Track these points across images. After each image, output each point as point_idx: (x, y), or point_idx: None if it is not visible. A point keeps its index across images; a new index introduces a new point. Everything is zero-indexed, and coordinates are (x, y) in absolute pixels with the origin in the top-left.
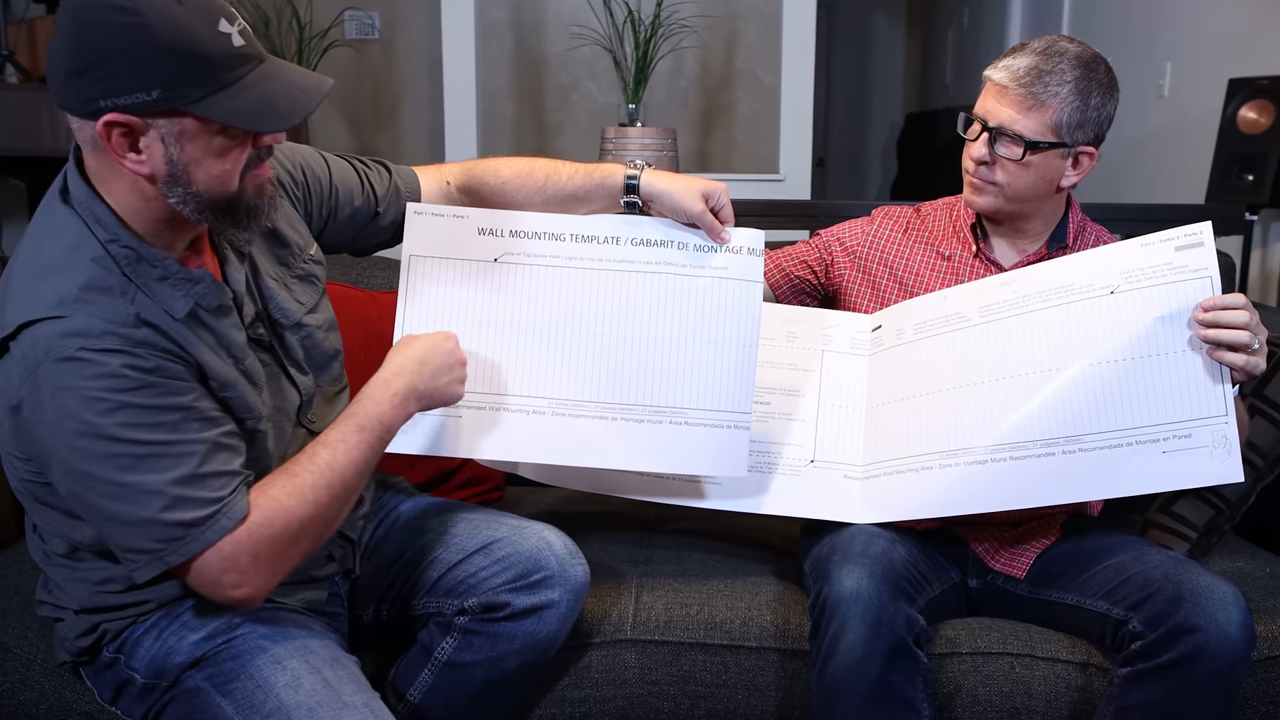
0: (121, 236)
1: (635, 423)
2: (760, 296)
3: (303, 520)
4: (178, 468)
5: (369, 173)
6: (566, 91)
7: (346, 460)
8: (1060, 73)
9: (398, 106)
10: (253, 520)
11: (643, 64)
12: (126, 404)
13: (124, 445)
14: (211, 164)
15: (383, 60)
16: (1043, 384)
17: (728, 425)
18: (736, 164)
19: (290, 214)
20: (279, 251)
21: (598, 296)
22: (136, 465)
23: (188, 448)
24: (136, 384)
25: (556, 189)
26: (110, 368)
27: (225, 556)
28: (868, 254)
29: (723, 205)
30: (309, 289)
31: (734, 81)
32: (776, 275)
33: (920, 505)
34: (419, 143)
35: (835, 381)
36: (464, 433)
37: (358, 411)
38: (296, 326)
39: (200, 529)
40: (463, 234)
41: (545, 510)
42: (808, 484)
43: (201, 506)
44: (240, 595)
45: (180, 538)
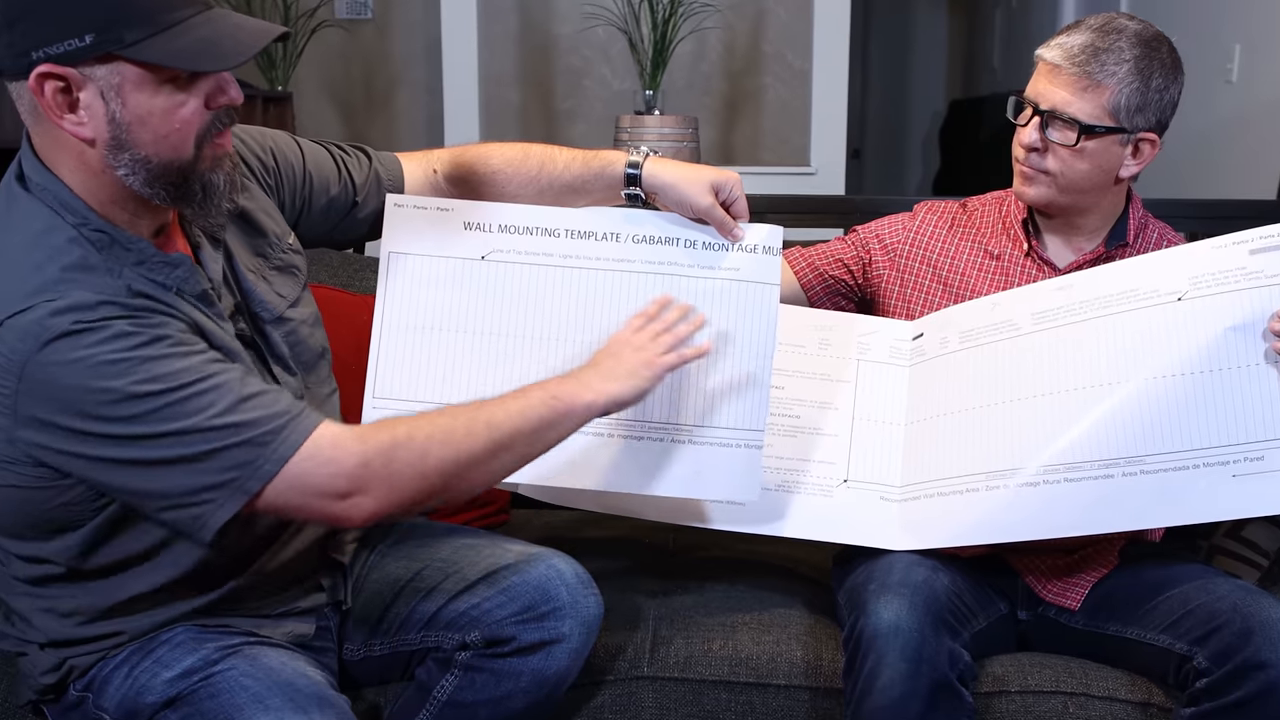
0: (90, 219)
1: (634, 440)
2: (777, 300)
3: (432, 441)
4: (222, 399)
5: (347, 159)
6: (578, 76)
7: (498, 405)
8: (1118, 51)
9: (392, 93)
10: (369, 428)
11: (661, 46)
12: (145, 358)
13: (154, 399)
14: (158, 122)
15: (376, 42)
16: (1101, 399)
17: (739, 444)
18: (764, 156)
19: (265, 201)
20: (255, 241)
21: (595, 299)
22: (176, 410)
23: (220, 379)
24: (148, 338)
25: (551, 179)
26: (115, 329)
27: (327, 459)
28: (909, 252)
29: (735, 198)
30: (290, 281)
31: (761, 66)
32: (809, 275)
33: (965, 531)
34: (415, 133)
35: (872, 394)
36: None
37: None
38: (279, 321)
39: (271, 444)
40: (447, 228)
41: (555, 535)
42: (841, 506)
43: (264, 422)
44: (361, 508)
45: (253, 459)
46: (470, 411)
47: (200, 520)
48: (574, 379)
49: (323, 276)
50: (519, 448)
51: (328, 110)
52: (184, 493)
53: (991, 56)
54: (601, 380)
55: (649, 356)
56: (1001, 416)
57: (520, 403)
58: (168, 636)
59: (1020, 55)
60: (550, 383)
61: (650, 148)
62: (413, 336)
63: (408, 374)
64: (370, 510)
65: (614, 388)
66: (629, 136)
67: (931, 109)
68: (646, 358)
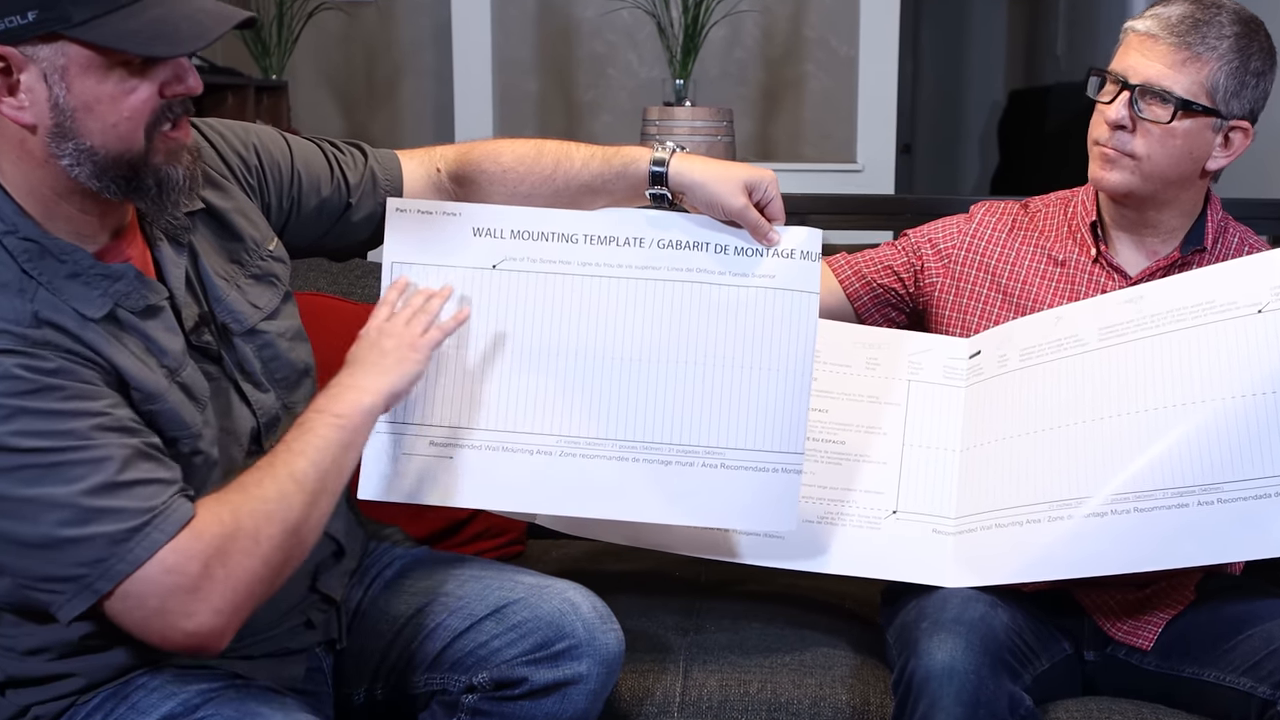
0: (21, 226)
1: (661, 465)
2: (816, 310)
3: (259, 516)
4: (92, 476)
5: (340, 157)
6: (601, 64)
7: (293, 452)
8: (1219, 25)
9: (397, 83)
10: (198, 521)
11: (693, 31)
12: (22, 409)
13: (22, 455)
14: (106, 110)
15: (379, 27)
16: (1174, 421)
17: (775, 468)
18: (805, 151)
19: (244, 203)
20: (229, 245)
21: (616, 311)
22: (41, 477)
23: (102, 452)
24: (34, 386)
25: (568, 178)
26: (2, 369)
27: (168, 569)
28: (965, 258)
29: (771, 199)
30: (266, 290)
31: (802, 52)
32: (856, 284)
33: (1026, 566)
34: (422, 127)
35: (924, 417)
36: (455, 476)
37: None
38: (252, 334)
39: (129, 542)
40: (454, 234)
41: (573, 568)
42: (890, 539)
43: (128, 518)
44: (196, 626)
45: (105, 557)
46: (269, 474)
47: (52, 607)
48: (344, 387)
49: (320, 283)
50: (331, 485)
51: (326, 101)
52: (32, 576)
53: (1055, 43)
54: (372, 377)
55: (411, 339)
56: (1066, 441)
57: (309, 439)
58: (144, 680)
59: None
60: (321, 402)
61: (678, 143)
62: None
63: (413, 394)
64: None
65: (386, 381)
66: (657, 130)
67: (990, 100)
68: (409, 340)
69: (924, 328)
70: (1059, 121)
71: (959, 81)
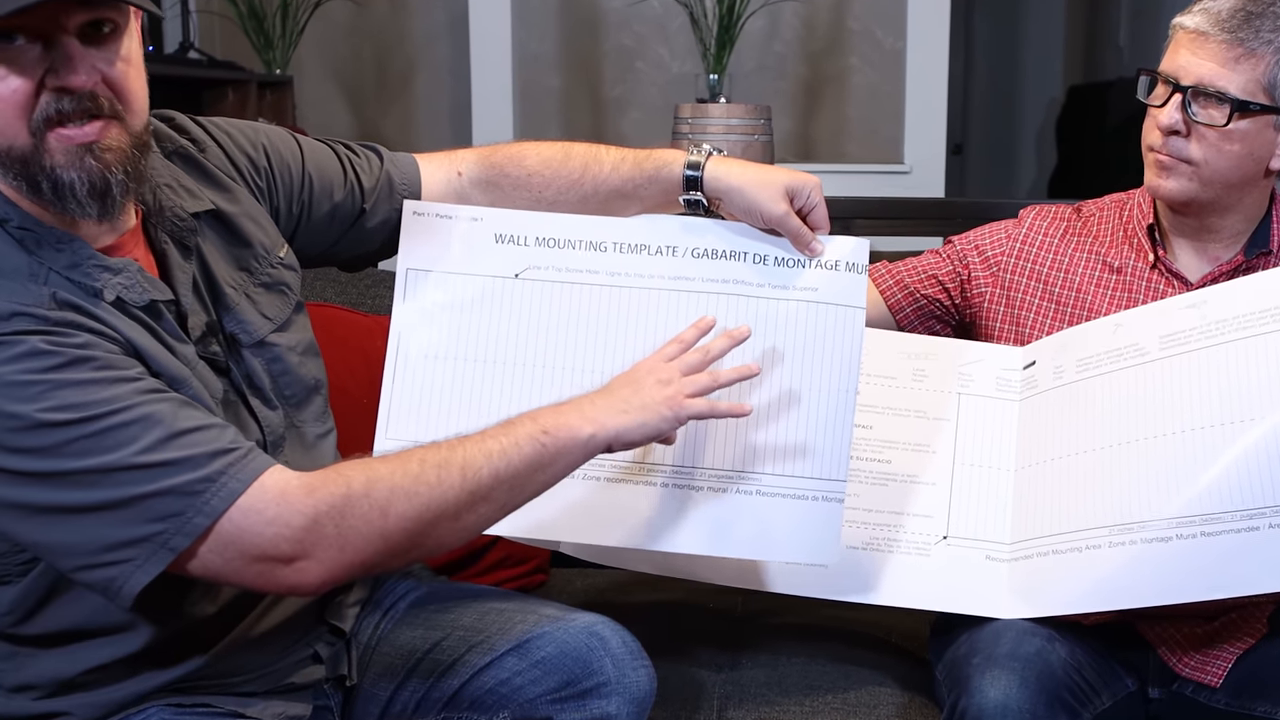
0: (13, 215)
1: (692, 491)
2: (862, 325)
3: (395, 492)
4: (146, 434)
5: (354, 160)
6: (630, 58)
7: (477, 448)
8: (1273, 16)
9: (410, 78)
10: (318, 475)
11: (728, 22)
12: (60, 383)
13: (67, 429)
14: None
15: (391, 18)
16: (1244, 436)
17: (815, 496)
18: (849, 151)
19: (252, 207)
20: (238, 252)
21: (647, 324)
22: (92, 447)
23: (149, 409)
24: (66, 359)
25: (597, 183)
26: (29, 345)
27: (270, 519)
28: (1015, 265)
29: (814, 205)
30: (277, 300)
31: (846, 45)
32: (899, 295)
33: (1085, 596)
34: (437, 126)
35: (975, 434)
36: None
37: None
38: (261, 346)
39: (204, 494)
40: (476, 241)
41: (601, 599)
42: (940, 567)
43: (197, 465)
44: (299, 571)
45: (180, 511)
46: (442, 454)
47: (116, 583)
48: (574, 408)
49: (329, 294)
50: (500, 496)
51: (334, 98)
52: (97, 548)
53: (1117, 34)
54: (609, 412)
55: (674, 394)
56: (1127, 459)
57: (503, 441)
58: (138, 719)
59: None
60: (542, 413)
61: (713, 143)
62: (434, 368)
63: (427, 412)
64: (318, 578)
65: (621, 421)
66: (690, 129)
67: (1047, 96)
68: (670, 394)
69: (970, 338)
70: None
71: (1014, 76)
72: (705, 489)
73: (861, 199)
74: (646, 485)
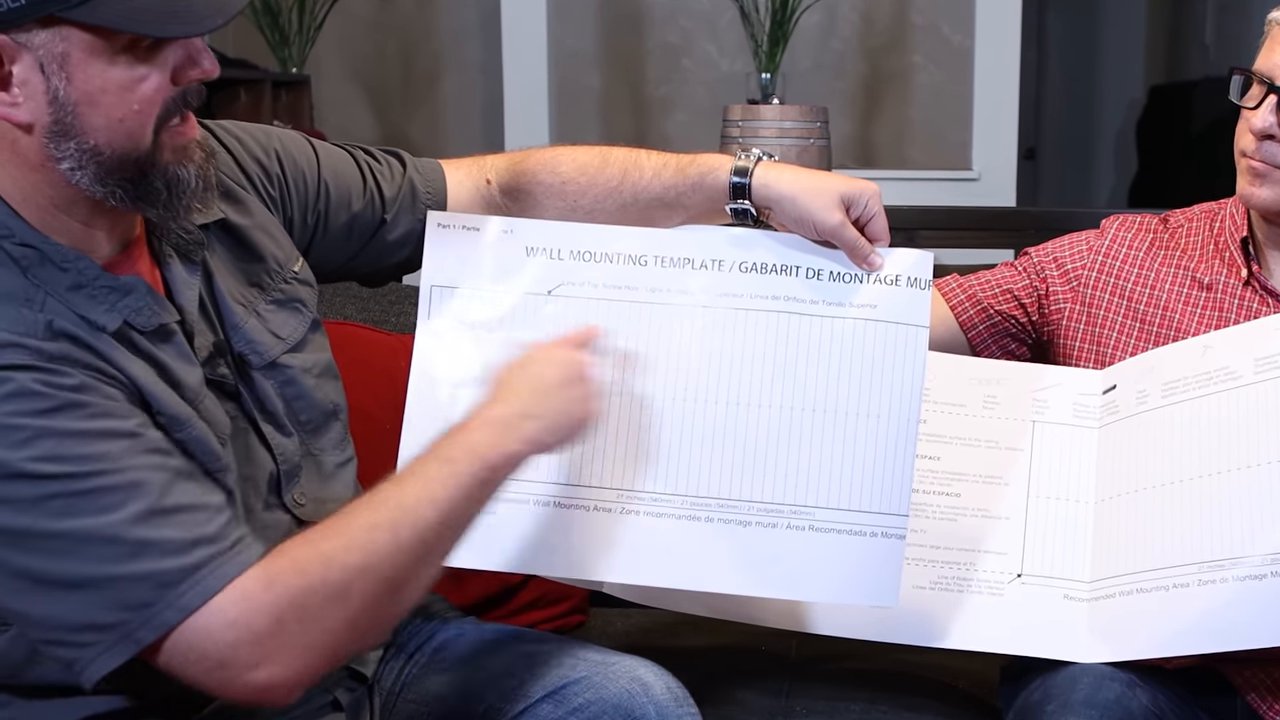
0: (16, 230)
1: (740, 526)
2: (926, 346)
3: (351, 570)
4: (131, 502)
5: (374, 166)
6: (675, 55)
7: (423, 497)
8: None
9: (437, 78)
10: (273, 565)
11: (781, 16)
12: (44, 430)
13: (48, 483)
14: (113, 103)
15: (416, 12)
16: None
17: (873, 532)
18: (912, 156)
19: (264, 217)
20: (248, 266)
21: (690, 345)
22: (72, 507)
23: (139, 475)
24: (57, 404)
25: (636, 190)
26: (18, 384)
27: (230, 622)
28: (1096, 280)
29: (872, 215)
30: (292, 318)
31: (909, 41)
32: (971, 311)
33: (1171, 639)
34: (467, 129)
35: (1052, 464)
36: (498, 537)
37: (442, 442)
38: (273, 367)
39: (178, 586)
40: (505, 255)
41: (644, 642)
42: (1013, 607)
43: (178, 551)
44: (264, 678)
45: (150, 602)
46: (389, 512)
47: (78, 664)
48: (505, 427)
49: (350, 311)
50: (450, 544)
51: (355, 99)
52: (62, 626)
53: (1203, 30)
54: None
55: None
56: (1218, 490)
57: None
58: None
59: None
60: (474, 439)
61: (764, 150)
62: (460, 393)
63: None
64: (286, 684)
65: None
66: (740, 132)
67: (1127, 97)
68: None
69: (1049, 362)
70: (1207, 122)
71: (1091, 75)
72: (754, 524)
73: (926, 208)
74: (689, 520)
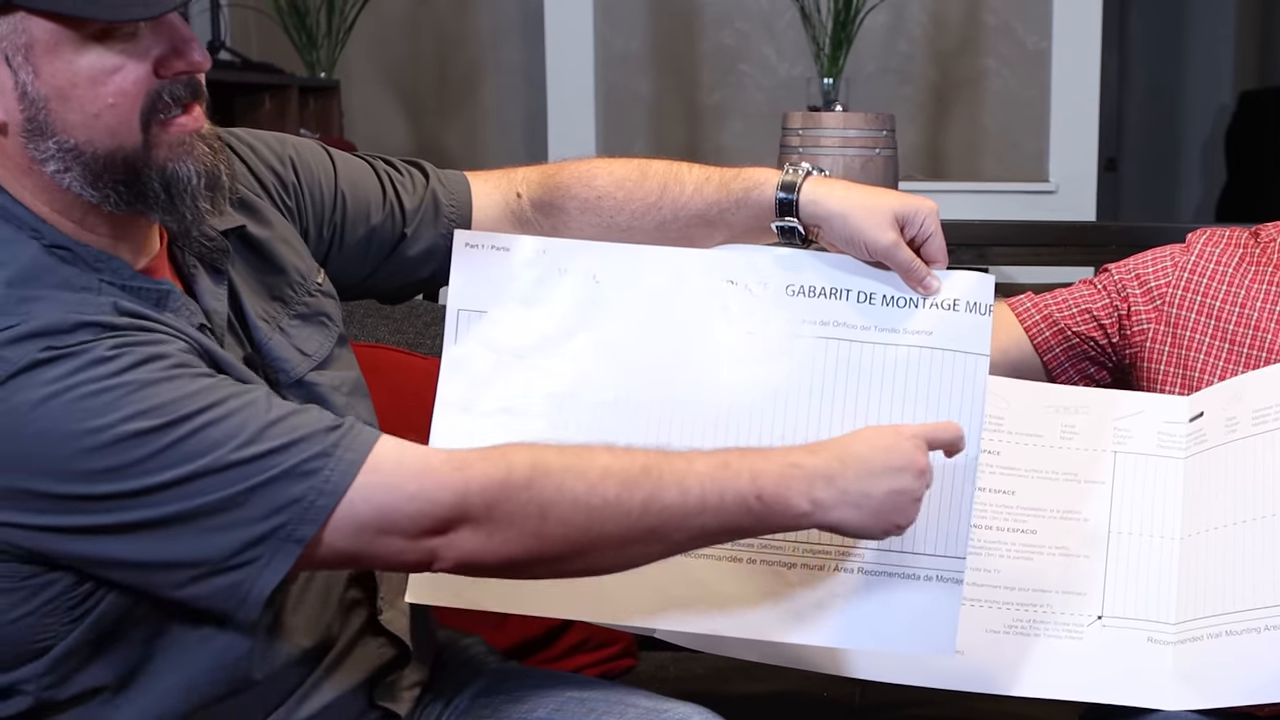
0: (45, 232)
1: (783, 568)
2: (985, 377)
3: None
4: (243, 428)
5: (395, 177)
6: (732, 59)
7: (674, 479)
8: None
9: (476, 83)
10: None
11: (844, 18)
12: (138, 383)
13: (156, 436)
14: (86, 97)
15: (454, 13)
16: None
17: (929, 576)
18: (985, 167)
19: (284, 228)
20: (270, 279)
21: (733, 374)
22: (186, 448)
23: (239, 400)
24: (139, 359)
25: (677, 206)
26: (98, 352)
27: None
28: (1183, 298)
29: (928, 234)
30: (317, 333)
31: (982, 44)
32: (1047, 332)
33: (1265, 685)
34: (507, 139)
35: (1135, 498)
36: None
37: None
38: (299, 386)
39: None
40: (537, 277)
41: (696, 688)
42: (1094, 652)
43: (310, 442)
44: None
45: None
46: (633, 471)
47: (240, 590)
48: (797, 474)
49: (381, 332)
50: (675, 541)
51: (387, 106)
52: (212, 557)
53: None
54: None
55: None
56: None
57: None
58: None
59: None
60: (760, 467)
61: (818, 164)
62: (490, 423)
63: None
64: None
65: (846, 517)
66: (800, 141)
67: (1215, 103)
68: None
69: (1131, 387)
70: None
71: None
72: (799, 566)
73: (999, 223)
74: (730, 561)
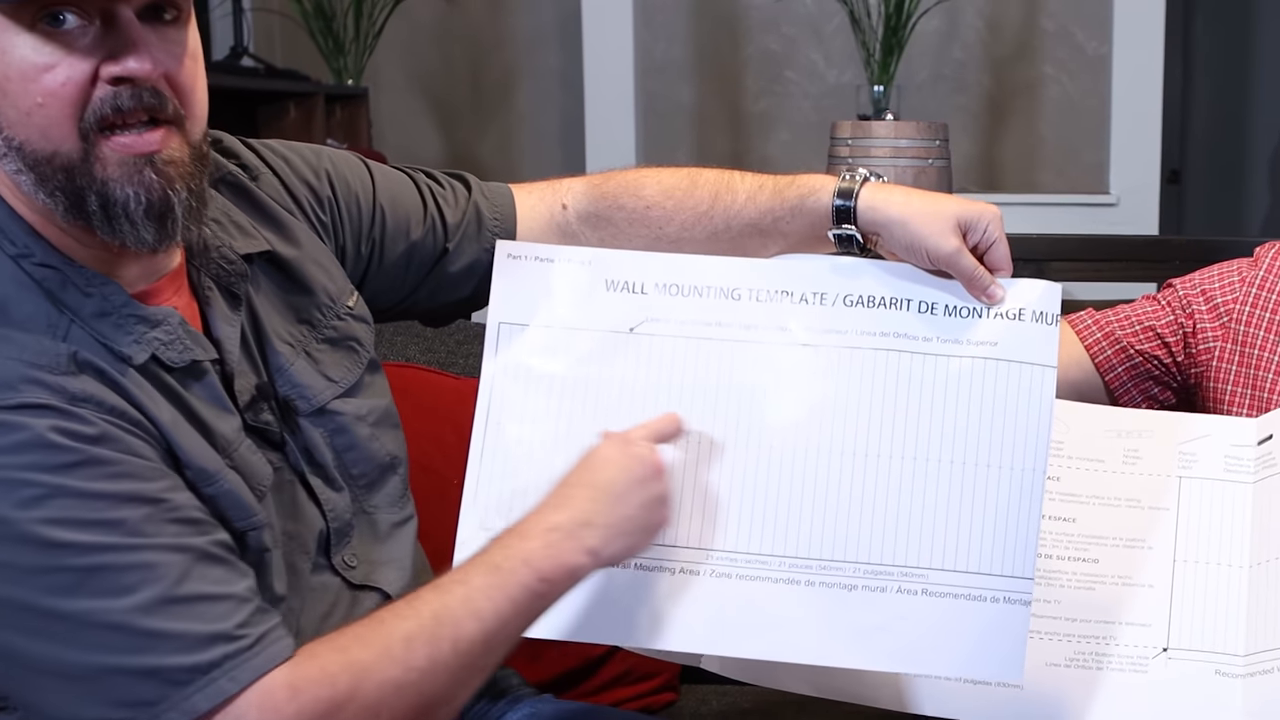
0: (35, 250)
1: (843, 590)
2: (1054, 388)
3: (389, 687)
4: (144, 586)
5: (436, 190)
6: (778, 66)
7: (465, 610)
8: None
9: (511, 91)
10: (299, 671)
11: (896, 22)
12: (59, 489)
13: (59, 553)
14: (18, 91)
15: (488, 18)
16: None
17: (995, 597)
18: (1042, 179)
19: (315, 247)
20: (297, 301)
21: (788, 388)
22: (80, 585)
23: (157, 555)
24: (75, 459)
25: (729, 216)
26: (34, 433)
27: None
28: (1250, 315)
29: (992, 241)
30: (345, 359)
31: (1039, 50)
32: (1109, 351)
33: None
34: (543, 148)
35: (1201, 524)
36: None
37: (492, 548)
38: (320, 414)
39: (188, 687)
40: (583, 289)
41: None
42: (1159, 685)
43: (191, 648)
44: None
45: (154, 701)
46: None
47: None
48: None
49: (412, 352)
50: (495, 659)
51: (418, 115)
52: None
53: None
54: (604, 538)
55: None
56: None
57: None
58: None
59: None
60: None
61: (874, 171)
62: (531, 442)
63: (523, 496)
64: None
65: (618, 547)
66: (850, 151)
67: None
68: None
69: (1197, 408)
70: None
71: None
72: (860, 588)
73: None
74: (788, 584)
